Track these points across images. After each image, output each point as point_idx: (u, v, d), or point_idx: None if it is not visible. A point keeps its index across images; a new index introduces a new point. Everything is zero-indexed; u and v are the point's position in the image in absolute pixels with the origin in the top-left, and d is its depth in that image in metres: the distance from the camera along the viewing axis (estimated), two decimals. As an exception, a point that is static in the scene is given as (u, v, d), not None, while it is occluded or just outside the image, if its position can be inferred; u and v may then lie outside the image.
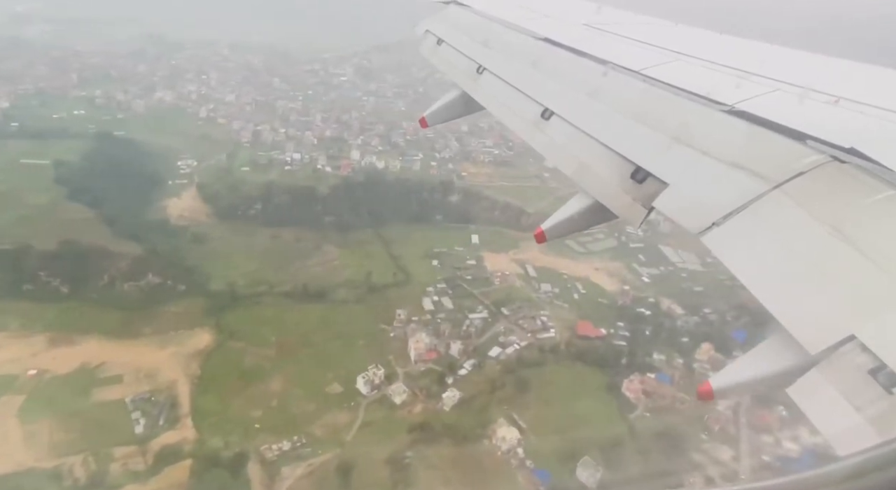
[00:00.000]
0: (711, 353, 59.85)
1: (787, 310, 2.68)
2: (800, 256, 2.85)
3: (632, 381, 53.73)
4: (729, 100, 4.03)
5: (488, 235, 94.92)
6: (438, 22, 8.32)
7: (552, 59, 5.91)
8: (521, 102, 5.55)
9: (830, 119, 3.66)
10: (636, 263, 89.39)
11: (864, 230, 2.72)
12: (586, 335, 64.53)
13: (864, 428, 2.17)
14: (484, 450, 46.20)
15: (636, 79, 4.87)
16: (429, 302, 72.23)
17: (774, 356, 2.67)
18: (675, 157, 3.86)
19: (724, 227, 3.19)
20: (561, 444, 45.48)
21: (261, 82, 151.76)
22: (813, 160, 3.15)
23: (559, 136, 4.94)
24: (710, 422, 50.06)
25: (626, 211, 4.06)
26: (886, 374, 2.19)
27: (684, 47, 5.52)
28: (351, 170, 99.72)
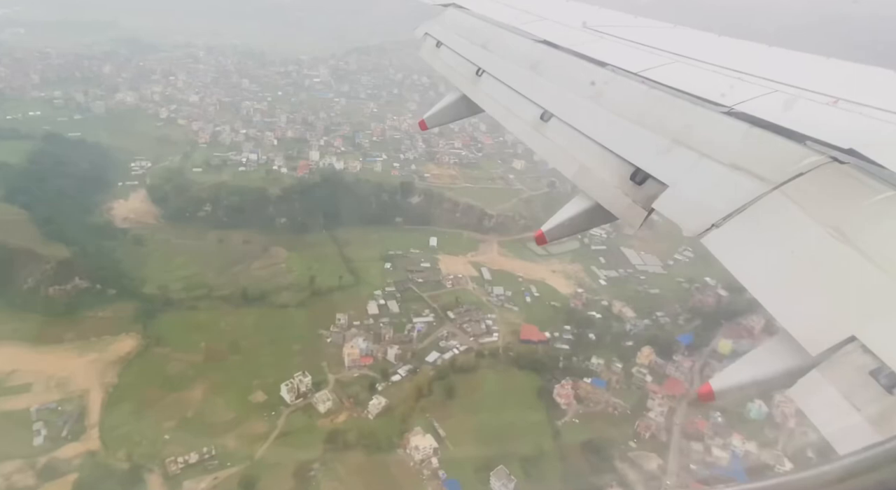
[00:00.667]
0: (652, 358, 58.05)
1: (787, 311, 2.67)
2: (800, 257, 2.84)
3: (563, 386, 51.69)
4: (728, 101, 3.98)
5: (448, 238, 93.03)
6: (438, 25, 8.24)
7: (551, 62, 5.88)
8: (520, 104, 5.49)
9: (829, 120, 3.64)
10: (595, 266, 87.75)
11: (863, 231, 2.71)
12: (529, 339, 62.54)
13: (865, 428, 2.15)
14: (397, 460, 43.93)
15: (635, 81, 4.82)
16: (374, 306, 69.99)
17: (775, 357, 2.63)
18: (675, 159, 3.83)
19: (724, 228, 3.16)
20: (480, 453, 43.36)
21: (229, 83, 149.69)
22: (812, 161, 3.13)
23: (558, 138, 4.86)
24: (640, 429, 48.13)
25: (626, 213, 3.99)
26: (887, 375, 2.17)
27: (683, 49, 5.48)
28: (308, 171, 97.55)
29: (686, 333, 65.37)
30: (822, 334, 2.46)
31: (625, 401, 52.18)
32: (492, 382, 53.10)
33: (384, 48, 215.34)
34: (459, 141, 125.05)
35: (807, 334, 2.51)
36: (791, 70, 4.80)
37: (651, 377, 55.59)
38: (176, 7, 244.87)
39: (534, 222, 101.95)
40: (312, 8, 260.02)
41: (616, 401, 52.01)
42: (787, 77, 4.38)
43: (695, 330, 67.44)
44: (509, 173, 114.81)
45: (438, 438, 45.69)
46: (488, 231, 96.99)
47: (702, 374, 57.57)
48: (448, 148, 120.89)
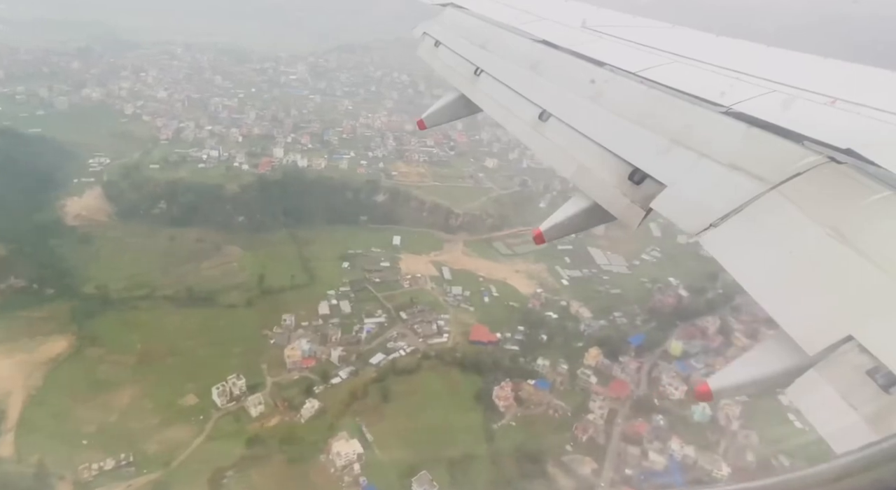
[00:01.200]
0: (599, 359, 56.87)
1: (784, 310, 2.67)
2: (797, 257, 2.85)
3: (503, 388, 50.32)
4: (726, 101, 3.98)
5: (413, 237, 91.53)
6: (436, 24, 8.20)
7: (550, 62, 5.87)
8: (518, 104, 5.45)
9: (827, 120, 3.66)
10: (560, 266, 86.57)
11: (861, 231, 2.72)
12: (479, 340, 61.14)
13: (863, 428, 2.16)
14: (318, 466, 42.37)
15: (634, 81, 4.80)
16: (326, 306, 68.32)
17: (773, 356, 2.63)
18: (673, 159, 3.82)
19: (722, 228, 3.17)
20: (407, 458, 41.90)
21: (202, 80, 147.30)
22: (810, 161, 3.14)
23: (557, 137, 4.81)
24: (578, 432, 46.88)
25: (624, 212, 3.94)
26: (884, 375, 2.18)
27: (681, 49, 5.48)
28: (270, 168, 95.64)
29: (638, 334, 64.28)
30: (820, 334, 2.45)
31: (567, 403, 50.91)
32: (431, 385, 51.64)
33: (368, 46, 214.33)
34: (432, 139, 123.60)
35: (804, 334, 2.51)
36: (789, 70, 4.79)
37: (596, 379, 54.41)
38: (177, 7, 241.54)
39: (501, 221, 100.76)
40: (313, 8, 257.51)
41: (558, 403, 50.72)
42: (785, 77, 4.37)
43: (650, 331, 66.40)
44: (480, 172, 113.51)
45: (365, 443, 44.13)
46: (455, 230, 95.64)
47: (649, 375, 56.50)
48: (420, 146, 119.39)
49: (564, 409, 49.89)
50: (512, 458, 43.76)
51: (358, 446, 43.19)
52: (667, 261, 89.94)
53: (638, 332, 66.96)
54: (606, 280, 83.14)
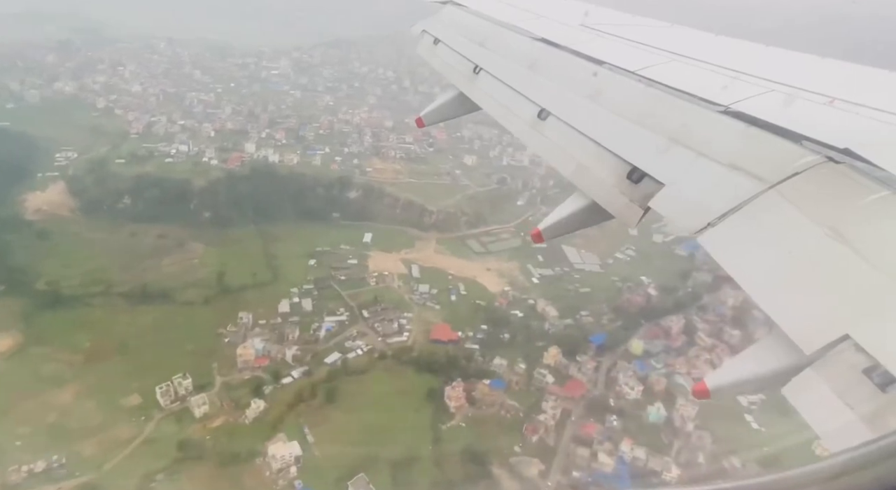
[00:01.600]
0: (558, 358, 56.00)
1: (781, 309, 2.68)
2: (795, 256, 2.87)
3: (454, 388, 49.31)
4: (724, 100, 3.99)
5: (385, 234, 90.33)
6: (435, 22, 8.17)
7: (549, 60, 5.83)
8: (517, 103, 5.44)
9: (825, 120, 3.66)
10: (532, 264, 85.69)
11: (858, 230, 2.74)
12: (439, 339, 60.10)
13: (859, 427, 2.16)
14: (253, 469, 41.26)
15: (632, 79, 4.82)
16: (287, 304, 67.05)
17: (769, 355, 2.64)
18: (671, 158, 3.84)
19: (720, 227, 3.17)
20: (347, 460, 40.84)
21: (181, 74, 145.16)
22: (808, 161, 3.16)
23: (556, 136, 4.83)
24: (527, 432, 45.99)
25: (623, 211, 3.95)
26: (881, 374, 2.19)
27: (680, 48, 5.46)
28: (240, 163, 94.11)
29: (600, 334, 63.50)
30: (817, 333, 2.45)
31: (521, 403, 50.01)
32: (383, 385, 50.57)
33: (356, 43, 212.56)
34: (411, 136, 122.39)
35: (801, 332, 2.51)
36: (788, 70, 4.80)
37: (553, 378, 53.54)
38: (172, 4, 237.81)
39: (477, 219, 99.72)
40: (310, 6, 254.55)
41: (511, 403, 49.81)
42: (783, 76, 4.38)
43: (614, 330, 65.65)
44: (458, 169, 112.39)
45: (306, 445, 43.00)
46: (428, 228, 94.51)
47: (608, 375, 55.72)
48: (398, 143, 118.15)
49: (517, 409, 48.99)
50: (457, 460, 42.79)
51: (297, 448, 42.06)
52: (641, 259, 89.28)
53: (603, 332, 66.17)
54: (577, 278, 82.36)
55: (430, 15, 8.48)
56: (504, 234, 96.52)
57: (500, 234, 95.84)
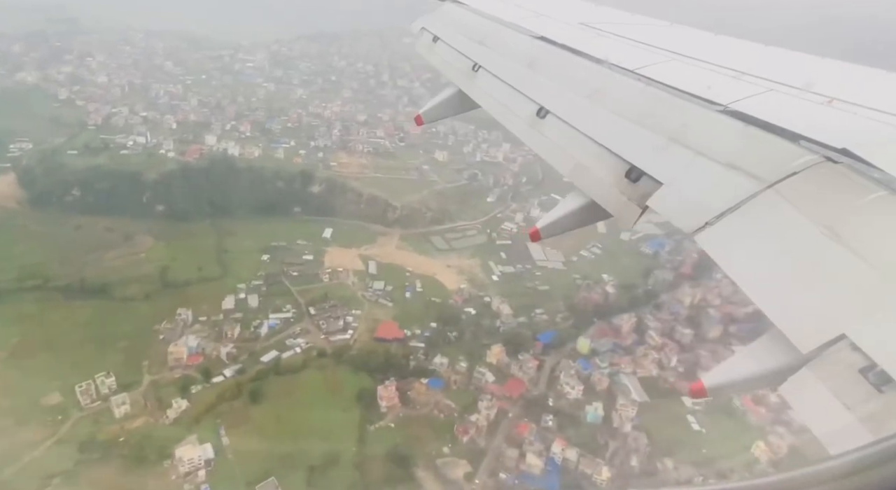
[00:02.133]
0: (501, 357, 54.70)
1: (778, 309, 2.70)
2: (792, 256, 2.89)
3: (387, 387, 47.83)
4: (723, 100, 4.01)
5: (347, 229, 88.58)
6: (434, 19, 8.09)
7: (548, 58, 5.83)
8: (516, 101, 5.46)
9: (824, 120, 3.68)
10: (494, 261, 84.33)
11: (855, 230, 2.75)
12: (383, 337, 58.61)
13: (855, 427, 2.18)
14: (160, 472, 39.61)
15: (632, 78, 4.84)
16: (232, 300, 65.24)
17: (766, 354, 2.65)
18: (670, 157, 3.84)
19: (718, 226, 3.20)
20: (261, 463, 39.31)
21: (151, 66, 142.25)
22: (806, 160, 3.17)
23: (554, 134, 4.83)
24: (459, 433, 44.67)
25: (621, 210, 3.94)
26: (877, 374, 2.21)
27: (679, 47, 5.47)
28: (199, 155, 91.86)
29: (548, 332, 62.28)
30: (813, 332, 2.46)
31: (457, 403, 48.64)
32: (313, 384, 49.00)
33: (338, 36, 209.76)
34: (382, 130, 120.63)
35: (798, 332, 2.52)
36: (786, 69, 4.79)
37: (494, 377, 52.25)
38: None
39: (442, 215, 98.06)
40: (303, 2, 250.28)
41: (447, 403, 48.42)
42: (782, 76, 4.39)
43: (566, 328, 64.46)
44: (427, 164, 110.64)
45: (220, 447, 41.41)
46: (392, 224, 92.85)
47: (551, 374, 54.52)
48: (368, 137, 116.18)
49: (452, 409, 47.64)
50: (380, 462, 41.35)
51: (209, 451, 40.44)
52: (606, 257, 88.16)
53: (556, 330, 64.97)
54: (538, 276, 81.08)
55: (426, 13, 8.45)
56: (470, 230, 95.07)
57: (465, 231, 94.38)
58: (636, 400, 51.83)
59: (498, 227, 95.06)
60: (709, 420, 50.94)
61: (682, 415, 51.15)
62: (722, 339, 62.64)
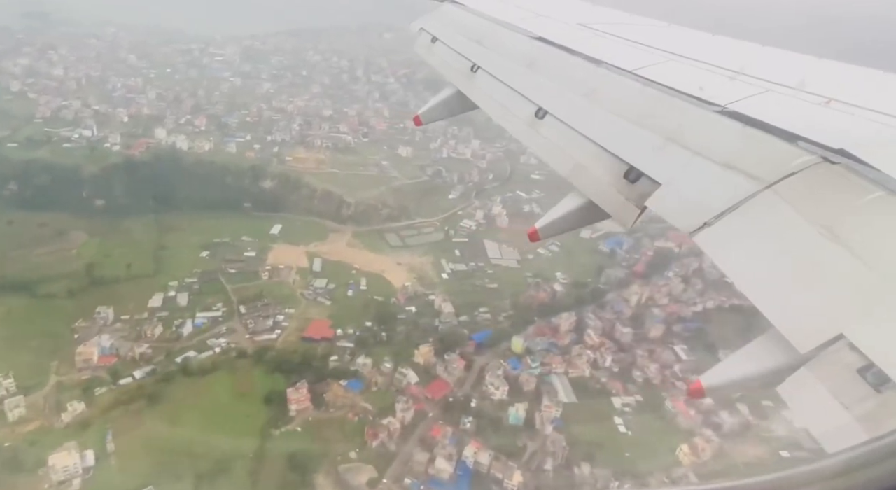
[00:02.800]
0: (429, 357, 52.87)
1: (776, 309, 2.71)
2: (790, 256, 2.90)
3: (298, 390, 45.78)
4: (721, 100, 4.02)
5: (298, 226, 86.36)
6: (433, 20, 8.08)
7: (547, 59, 5.85)
8: (515, 101, 5.47)
9: (821, 120, 3.70)
10: (447, 259, 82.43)
11: (853, 230, 2.76)
12: (311, 337, 56.58)
13: (853, 426, 2.19)
14: (33, 481, 37.39)
15: (630, 79, 4.86)
16: (160, 299, 62.99)
17: (764, 354, 2.68)
18: (668, 157, 3.86)
19: (716, 226, 3.20)
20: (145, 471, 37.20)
21: (114, 59, 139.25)
22: (804, 161, 3.18)
23: (553, 135, 4.85)
24: (368, 436, 42.81)
25: (619, 210, 3.98)
26: (875, 373, 2.21)
27: (677, 48, 5.51)
28: (145, 149, 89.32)
29: (483, 331, 60.48)
30: (812, 332, 2.48)
31: (374, 405, 46.77)
32: (223, 387, 46.89)
33: (320, 31, 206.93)
34: (346, 125, 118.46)
35: (796, 332, 2.53)
36: (784, 70, 4.82)
37: (417, 378, 50.37)
38: None
39: (400, 212, 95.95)
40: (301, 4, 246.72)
41: (364, 405, 46.49)
42: (780, 77, 4.41)
43: (505, 327, 62.69)
44: (390, 160, 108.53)
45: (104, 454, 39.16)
46: (346, 220, 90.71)
47: (479, 374, 52.74)
48: (331, 132, 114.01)
49: (369, 411, 45.76)
50: (277, 469, 39.40)
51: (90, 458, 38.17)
52: (563, 255, 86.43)
53: (497, 329, 63.21)
54: (490, 274, 79.24)
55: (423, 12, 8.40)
56: (427, 228, 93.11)
57: (422, 228, 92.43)
58: (563, 401, 50.19)
59: (457, 225, 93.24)
60: (637, 422, 49.36)
61: (609, 416, 49.54)
62: (664, 338, 61.17)
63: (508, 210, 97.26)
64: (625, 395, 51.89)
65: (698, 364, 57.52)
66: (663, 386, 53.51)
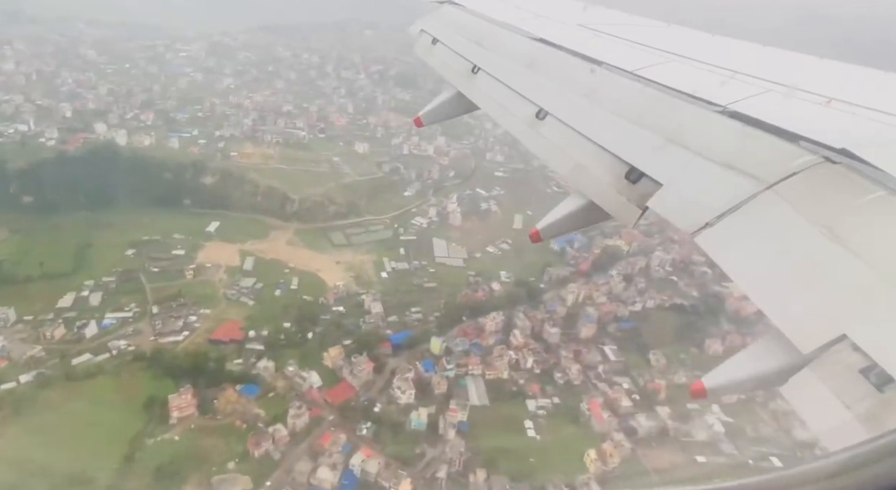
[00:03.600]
0: (337, 360, 50.33)
1: (779, 309, 2.73)
2: (792, 256, 2.90)
3: (181, 395, 43.12)
4: (722, 100, 4.02)
5: (237, 223, 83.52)
6: (433, 21, 8.11)
7: (547, 60, 5.85)
8: (515, 102, 5.48)
9: (823, 120, 3.70)
10: (390, 257, 79.85)
11: (854, 230, 2.76)
12: (219, 339, 53.91)
13: (856, 427, 2.20)
14: None
15: (630, 79, 4.85)
16: (71, 298, 60.29)
17: (767, 355, 2.69)
18: (669, 158, 3.85)
19: (717, 227, 3.20)
20: (-5, 485, 34.62)
21: (72, 54, 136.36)
22: (805, 161, 3.18)
23: (554, 136, 4.85)
24: (251, 445, 40.21)
25: (621, 211, 3.99)
26: (877, 374, 2.22)
27: (678, 48, 5.51)
28: (81, 144, 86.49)
29: (403, 332, 57.97)
30: (814, 332, 2.48)
31: (269, 411, 44.26)
32: (104, 392, 44.08)
33: (298, 27, 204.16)
34: (304, 121, 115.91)
35: (798, 332, 2.54)
36: (785, 70, 4.85)
37: (321, 382, 47.86)
38: None
39: (348, 209, 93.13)
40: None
41: (257, 411, 43.99)
42: (780, 77, 4.41)
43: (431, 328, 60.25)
44: (344, 156, 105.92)
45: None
46: (290, 217, 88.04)
47: (391, 376, 50.20)
48: (287, 127, 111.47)
49: (261, 418, 43.19)
50: (142, 481, 36.75)
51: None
52: (513, 253, 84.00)
53: (425, 329, 60.74)
54: (432, 273, 76.72)
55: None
56: (377, 225, 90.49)
57: (371, 226, 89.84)
58: (474, 404, 47.78)
59: (408, 223, 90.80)
60: (548, 426, 46.95)
61: (520, 420, 47.12)
62: (595, 338, 58.87)
63: (464, 208, 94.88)
64: (541, 397, 49.47)
65: (625, 364, 55.34)
66: (583, 387, 51.19)
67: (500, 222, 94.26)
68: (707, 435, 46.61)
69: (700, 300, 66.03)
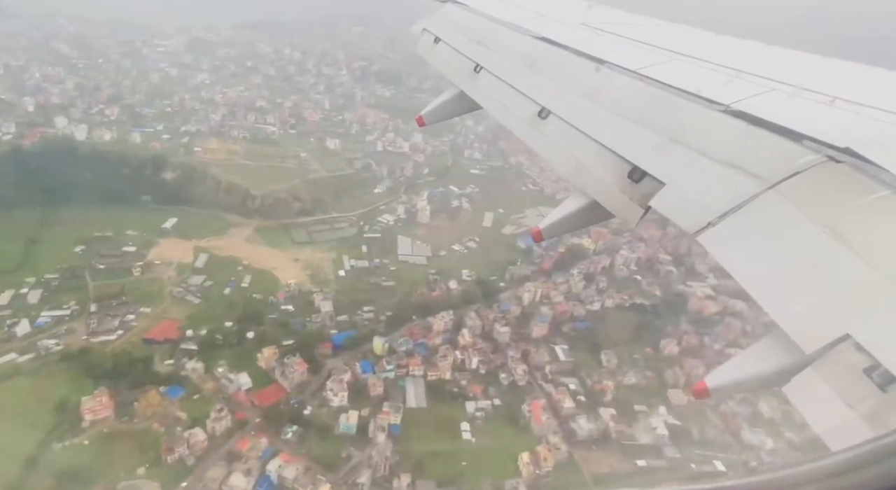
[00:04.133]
0: (271, 361, 48.45)
1: (782, 309, 2.72)
2: (795, 256, 2.90)
3: (96, 397, 41.26)
4: (725, 99, 4.00)
5: (196, 219, 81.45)
6: (435, 20, 8.15)
7: (549, 59, 5.86)
8: (518, 101, 5.49)
9: (826, 119, 3.68)
10: (350, 255, 77.84)
11: (858, 230, 2.76)
12: (153, 339, 52.03)
13: (859, 426, 2.20)
14: None
15: (633, 78, 4.85)
16: (9, 296, 58.40)
17: (770, 355, 2.69)
18: (672, 157, 3.85)
19: (720, 226, 3.20)
20: None
21: (45, 49, 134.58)
22: (808, 160, 3.17)
23: (556, 135, 4.87)
24: (164, 450, 38.35)
25: (623, 210, 3.98)
26: (881, 373, 2.22)
27: (681, 47, 5.48)
28: (38, 139, 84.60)
29: (346, 332, 56.09)
30: (817, 332, 2.48)
31: (191, 414, 42.42)
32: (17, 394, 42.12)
33: (285, 24, 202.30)
34: (275, 116, 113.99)
35: (801, 332, 2.54)
36: (788, 69, 4.84)
37: (251, 384, 46.06)
38: None
39: (313, 206, 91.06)
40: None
41: (179, 414, 42.16)
42: (784, 75, 4.40)
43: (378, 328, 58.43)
44: (313, 152, 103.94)
45: None
46: (252, 214, 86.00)
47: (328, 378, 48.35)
48: (256, 123, 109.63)
49: (179, 421, 41.34)
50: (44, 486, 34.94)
51: None
52: (479, 252, 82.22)
53: (371, 329, 58.96)
54: (392, 271, 74.71)
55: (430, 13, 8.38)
56: (341, 222, 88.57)
57: (335, 223, 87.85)
58: (411, 406, 45.96)
59: (374, 220, 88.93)
60: (486, 428, 45.08)
61: (457, 422, 45.30)
62: (547, 338, 57.05)
63: (435, 205, 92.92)
64: (482, 399, 47.59)
65: (575, 365, 53.53)
66: (528, 389, 49.38)
67: (470, 220, 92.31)
68: (650, 438, 44.82)
69: (662, 300, 64.17)
